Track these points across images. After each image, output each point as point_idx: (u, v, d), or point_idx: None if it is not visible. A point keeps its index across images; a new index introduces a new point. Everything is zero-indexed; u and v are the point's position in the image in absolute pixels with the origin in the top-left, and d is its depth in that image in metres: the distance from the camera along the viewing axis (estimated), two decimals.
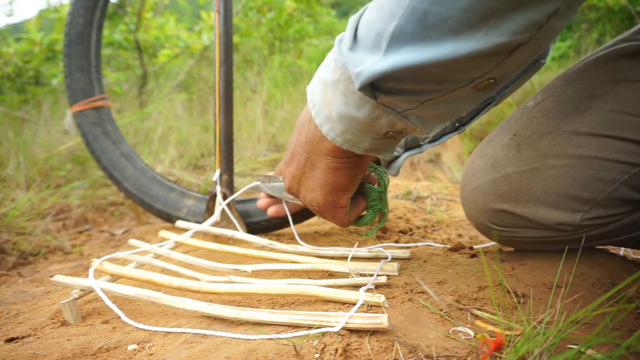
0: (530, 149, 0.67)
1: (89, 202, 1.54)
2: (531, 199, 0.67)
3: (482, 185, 0.71)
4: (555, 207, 0.65)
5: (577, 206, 0.64)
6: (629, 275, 0.65)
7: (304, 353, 0.49)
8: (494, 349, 0.45)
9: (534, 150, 0.67)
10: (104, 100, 1.21)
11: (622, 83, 0.62)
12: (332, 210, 0.61)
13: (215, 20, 1.03)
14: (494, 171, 0.70)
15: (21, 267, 1.03)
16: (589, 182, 0.63)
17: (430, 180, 1.85)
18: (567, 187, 0.64)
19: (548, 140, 0.66)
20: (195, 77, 3.12)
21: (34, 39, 2.57)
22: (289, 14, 3.13)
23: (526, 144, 0.68)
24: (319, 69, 0.51)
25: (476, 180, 0.73)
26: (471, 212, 0.75)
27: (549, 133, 0.66)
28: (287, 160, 0.62)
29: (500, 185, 0.69)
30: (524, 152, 0.68)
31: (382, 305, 0.58)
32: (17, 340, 0.62)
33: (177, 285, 0.66)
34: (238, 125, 2.03)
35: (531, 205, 0.67)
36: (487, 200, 0.71)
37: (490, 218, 0.72)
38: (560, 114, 0.66)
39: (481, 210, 0.72)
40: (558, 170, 0.65)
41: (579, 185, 0.63)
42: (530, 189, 0.67)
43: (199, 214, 1.09)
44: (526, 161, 0.67)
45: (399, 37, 0.39)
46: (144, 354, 0.54)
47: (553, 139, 0.66)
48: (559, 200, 0.65)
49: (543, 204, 0.66)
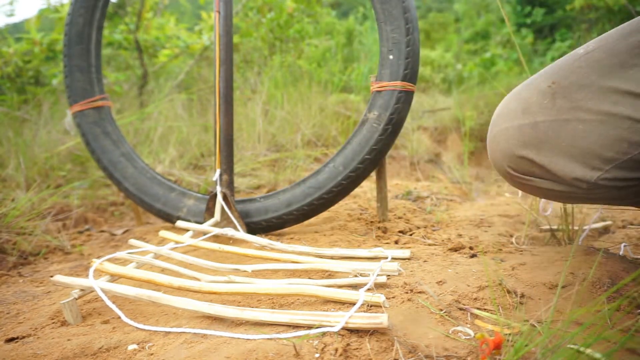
0: (564, 100, 0.66)
1: (89, 202, 1.54)
2: (554, 149, 0.66)
3: (509, 129, 0.71)
4: (576, 160, 0.64)
5: (597, 164, 0.63)
6: (629, 275, 0.65)
7: (304, 353, 0.49)
8: (493, 348, 0.45)
9: (569, 101, 0.66)
10: (104, 100, 1.21)
11: None
12: None
13: (215, 20, 1.03)
14: (524, 117, 0.69)
15: (21, 267, 1.03)
16: (615, 142, 0.62)
17: (430, 180, 1.85)
18: (593, 142, 0.63)
19: (585, 92, 0.65)
20: (195, 77, 3.12)
21: (34, 38, 2.57)
22: (289, 14, 3.13)
23: (562, 93, 0.67)
24: None
25: (504, 122, 0.72)
26: (493, 154, 0.75)
27: (587, 86, 0.65)
28: None
29: (526, 132, 0.68)
30: (558, 101, 0.66)
31: (382, 305, 0.58)
32: (17, 340, 0.62)
33: (178, 285, 0.66)
34: (238, 125, 2.03)
35: (552, 155, 0.66)
36: (510, 145, 0.70)
37: (510, 162, 0.71)
38: (605, 67, 0.64)
39: (503, 152, 0.72)
40: (587, 125, 0.63)
41: (605, 143, 0.62)
42: (555, 139, 0.66)
43: (199, 213, 1.09)
44: (558, 111, 0.66)
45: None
46: (144, 353, 0.54)
47: (590, 92, 0.64)
48: (581, 155, 0.64)
49: (564, 156, 0.65)
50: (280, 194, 1.06)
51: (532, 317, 0.55)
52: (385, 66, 0.98)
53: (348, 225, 1.07)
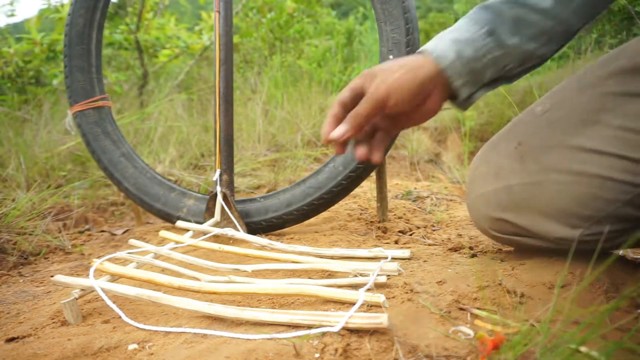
0: (533, 162, 0.67)
1: (89, 202, 1.54)
2: (532, 211, 0.67)
3: (485, 195, 0.72)
4: (556, 221, 0.65)
5: (577, 222, 0.64)
6: (628, 275, 0.65)
7: (304, 353, 0.49)
8: (492, 348, 0.45)
9: (538, 163, 0.66)
10: (105, 100, 1.22)
11: (634, 98, 0.60)
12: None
13: (215, 20, 1.03)
14: (497, 181, 0.70)
15: (22, 267, 1.03)
16: (590, 200, 0.62)
17: (430, 180, 1.85)
18: (568, 203, 0.64)
19: (552, 154, 0.65)
20: (195, 77, 3.12)
21: (35, 39, 2.57)
22: (289, 14, 3.13)
23: (530, 155, 0.67)
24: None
25: (479, 188, 0.73)
26: (475, 218, 0.77)
27: (553, 147, 0.65)
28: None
29: (502, 196, 0.70)
30: (528, 164, 0.67)
31: (382, 305, 0.58)
32: (18, 340, 0.62)
33: (178, 285, 0.66)
34: (238, 125, 2.03)
35: (532, 217, 0.67)
36: (489, 209, 0.72)
37: (492, 225, 0.73)
38: (566, 126, 0.65)
39: (484, 217, 0.73)
40: (560, 186, 0.64)
41: (580, 203, 0.63)
42: (531, 202, 0.67)
43: (199, 213, 1.09)
44: (529, 174, 0.67)
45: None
46: (144, 353, 0.54)
47: (557, 153, 0.65)
48: (559, 215, 0.65)
49: (544, 217, 0.66)
50: (280, 194, 1.06)
51: (532, 317, 0.55)
52: None
53: (348, 225, 1.07)
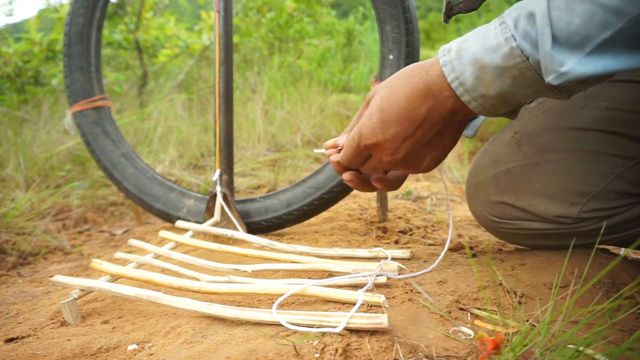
0: (529, 145, 0.70)
1: (89, 202, 1.54)
2: (530, 191, 0.70)
3: (485, 180, 0.75)
4: (554, 199, 0.68)
5: (574, 199, 0.66)
6: (629, 275, 0.65)
7: (304, 353, 0.49)
8: (492, 348, 0.45)
9: (533, 145, 0.70)
10: (104, 100, 1.21)
11: (618, 83, 0.65)
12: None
13: (215, 20, 1.03)
14: (496, 166, 0.73)
15: (21, 267, 1.03)
16: (585, 175, 0.65)
17: (430, 180, 1.85)
18: (565, 180, 0.67)
19: (546, 136, 0.69)
20: (195, 77, 3.12)
21: (34, 38, 2.57)
22: (289, 14, 3.13)
23: (526, 140, 0.71)
24: (469, 52, 0.51)
25: (479, 175, 0.76)
26: (475, 207, 0.78)
27: (547, 129, 0.69)
28: (386, 129, 0.57)
29: (501, 179, 0.72)
30: (524, 148, 0.71)
31: (382, 305, 0.58)
32: (17, 340, 0.62)
33: (178, 285, 0.66)
34: (238, 125, 2.03)
35: (530, 197, 0.70)
36: (489, 194, 0.74)
37: (492, 211, 0.74)
38: (558, 112, 0.69)
39: (484, 203, 0.75)
40: (556, 164, 0.67)
41: (576, 178, 0.66)
42: (529, 182, 0.69)
43: (199, 213, 1.09)
44: (525, 156, 0.70)
45: (611, 45, 0.43)
46: (144, 354, 0.54)
47: (551, 135, 0.68)
48: (557, 193, 0.67)
49: (542, 197, 0.69)
50: (280, 194, 1.06)
51: (532, 317, 0.55)
52: (385, 66, 0.98)
53: (348, 225, 1.07)
